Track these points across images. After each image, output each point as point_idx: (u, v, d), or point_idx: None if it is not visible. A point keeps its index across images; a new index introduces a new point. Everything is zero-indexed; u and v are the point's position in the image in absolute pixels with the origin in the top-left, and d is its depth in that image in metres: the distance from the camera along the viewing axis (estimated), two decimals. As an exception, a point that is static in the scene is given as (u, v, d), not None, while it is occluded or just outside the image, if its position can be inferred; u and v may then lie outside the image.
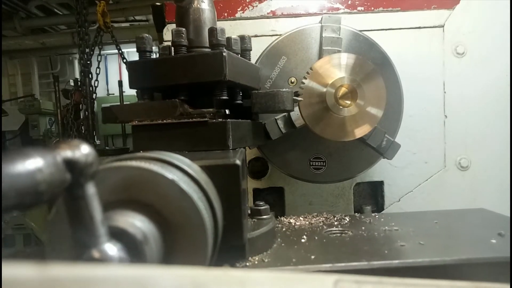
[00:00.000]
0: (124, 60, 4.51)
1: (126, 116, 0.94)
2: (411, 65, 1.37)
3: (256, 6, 1.41)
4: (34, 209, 0.32)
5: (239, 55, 1.00)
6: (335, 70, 1.05)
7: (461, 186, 1.41)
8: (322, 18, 1.20)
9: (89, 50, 4.00)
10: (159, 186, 0.52)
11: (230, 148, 0.87)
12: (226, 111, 0.96)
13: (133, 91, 1.05)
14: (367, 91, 1.04)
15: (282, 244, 0.87)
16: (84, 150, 0.38)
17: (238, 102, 1.02)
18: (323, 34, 1.17)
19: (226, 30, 0.93)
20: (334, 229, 0.99)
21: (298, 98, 1.04)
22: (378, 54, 1.20)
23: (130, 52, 6.23)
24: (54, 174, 0.33)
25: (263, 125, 1.14)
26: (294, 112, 1.10)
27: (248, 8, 1.41)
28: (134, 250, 0.45)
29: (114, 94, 7.19)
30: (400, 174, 1.40)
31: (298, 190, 1.40)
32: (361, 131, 1.07)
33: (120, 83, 4.79)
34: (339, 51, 1.14)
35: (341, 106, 1.04)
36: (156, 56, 1.00)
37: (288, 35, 1.22)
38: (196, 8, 0.99)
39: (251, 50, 1.11)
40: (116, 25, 5.37)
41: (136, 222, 0.48)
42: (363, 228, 0.98)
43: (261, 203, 0.91)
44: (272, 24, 1.41)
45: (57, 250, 0.49)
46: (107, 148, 5.81)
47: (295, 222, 1.06)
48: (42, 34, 6.48)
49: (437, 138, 1.40)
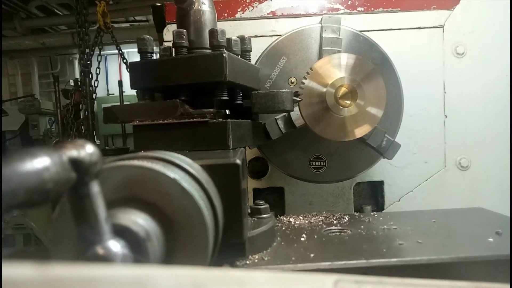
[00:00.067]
0: (124, 60, 4.50)
1: (127, 116, 0.95)
2: (411, 65, 1.37)
3: (256, 7, 1.42)
4: (40, 207, 0.33)
5: (239, 56, 1.01)
6: (335, 70, 1.05)
7: (461, 186, 1.41)
8: (322, 19, 1.20)
9: (89, 50, 4.00)
10: (161, 185, 0.53)
11: (230, 148, 0.88)
12: (226, 111, 0.96)
13: (133, 91, 1.06)
14: (367, 91, 1.04)
15: (282, 242, 0.88)
16: (89, 150, 0.39)
17: (238, 102, 1.03)
18: (323, 35, 1.18)
19: (226, 30, 0.93)
20: (333, 228, 1.00)
21: (297, 99, 1.04)
22: (378, 54, 1.20)
23: (130, 52, 6.22)
24: (60, 173, 0.34)
25: (263, 125, 1.15)
26: (294, 112, 1.11)
27: (248, 8, 1.42)
28: (137, 247, 0.46)
29: (114, 94, 7.18)
30: (400, 174, 1.41)
31: (298, 190, 1.41)
32: (361, 131, 1.07)
33: (120, 83, 4.78)
34: (339, 51, 1.15)
35: (341, 106, 1.04)
36: (157, 56, 1.00)
37: (288, 36, 1.23)
38: (196, 9, 1.00)
39: (251, 51, 1.12)
40: (116, 25, 5.36)
41: (138, 220, 0.49)
42: (362, 227, 0.99)
43: (261, 202, 0.92)
44: (272, 24, 1.42)
45: (61, 248, 0.50)
46: (107, 148, 5.81)
47: (295, 221, 1.07)
48: (42, 34, 6.46)
49: (437, 138, 1.41)
